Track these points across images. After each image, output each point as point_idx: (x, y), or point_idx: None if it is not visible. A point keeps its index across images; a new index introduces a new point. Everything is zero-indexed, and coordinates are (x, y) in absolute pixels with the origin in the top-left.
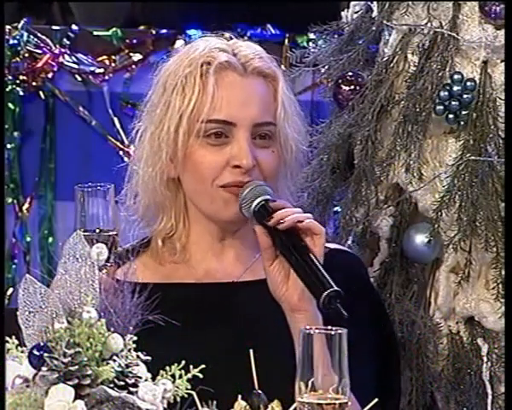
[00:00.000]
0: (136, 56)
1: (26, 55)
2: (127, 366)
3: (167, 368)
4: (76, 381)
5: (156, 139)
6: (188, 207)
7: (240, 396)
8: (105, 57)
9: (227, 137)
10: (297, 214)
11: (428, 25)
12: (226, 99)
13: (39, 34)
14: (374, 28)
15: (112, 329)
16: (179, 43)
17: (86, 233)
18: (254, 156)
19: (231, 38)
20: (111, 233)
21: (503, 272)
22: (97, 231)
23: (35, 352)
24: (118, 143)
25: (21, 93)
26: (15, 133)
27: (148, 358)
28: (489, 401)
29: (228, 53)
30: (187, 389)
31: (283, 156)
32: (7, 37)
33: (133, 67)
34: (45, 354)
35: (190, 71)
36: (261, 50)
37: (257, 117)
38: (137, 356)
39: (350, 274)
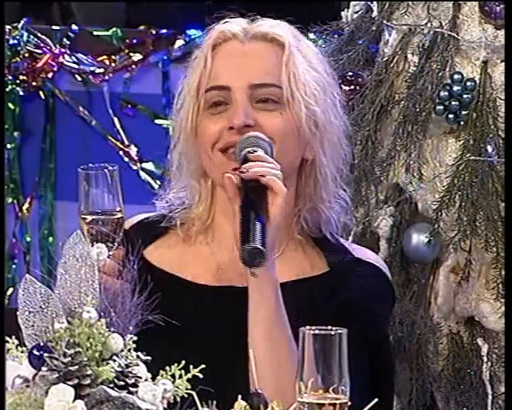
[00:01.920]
0: (136, 56)
1: (26, 55)
2: (127, 366)
3: (167, 368)
4: (76, 381)
5: (179, 126)
6: (215, 194)
7: (240, 396)
8: (105, 57)
9: (227, 104)
10: (263, 169)
11: (428, 25)
12: (223, 66)
13: (39, 34)
14: (374, 28)
15: (112, 329)
16: (179, 43)
17: (90, 216)
18: (253, 118)
19: (257, 19)
20: (116, 215)
21: (503, 272)
22: (102, 212)
23: (35, 352)
24: (118, 143)
25: (21, 93)
26: (15, 133)
27: (148, 358)
28: (489, 401)
29: (235, 24)
30: (187, 389)
31: (296, 122)
32: (7, 37)
33: (133, 67)
34: (45, 354)
35: (205, 44)
36: (280, 22)
37: (253, 79)
38: (137, 356)
39: (366, 291)
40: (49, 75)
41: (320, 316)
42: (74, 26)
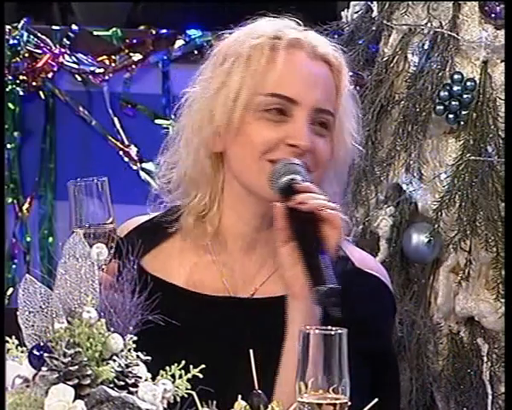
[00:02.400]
0: (136, 56)
1: (26, 55)
2: (127, 366)
3: (167, 368)
4: (76, 381)
5: (210, 109)
6: (224, 189)
7: (240, 396)
8: (105, 57)
9: (285, 115)
10: (320, 201)
11: (428, 25)
12: (294, 76)
13: (39, 34)
14: (374, 28)
15: (112, 329)
16: (179, 43)
17: (82, 230)
18: (312, 141)
19: (297, 23)
20: (108, 227)
21: (503, 272)
22: (93, 225)
23: (35, 352)
24: (118, 143)
25: (21, 93)
26: (15, 133)
27: (148, 358)
28: (489, 401)
29: (298, 31)
30: (187, 389)
31: (336, 150)
32: (7, 37)
33: (133, 67)
34: (45, 354)
35: (259, 42)
36: (329, 40)
37: (320, 101)
38: (137, 356)
39: (368, 305)
40: (49, 75)
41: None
42: (74, 26)
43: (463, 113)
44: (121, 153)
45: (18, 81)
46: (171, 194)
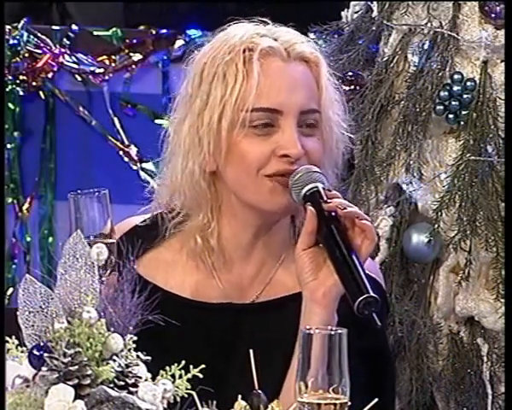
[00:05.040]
0: (136, 56)
1: (26, 55)
2: (127, 366)
3: (167, 368)
4: (76, 381)
5: (196, 132)
6: (223, 204)
7: (240, 396)
8: (105, 57)
9: (273, 126)
10: (357, 209)
11: (428, 25)
12: (272, 86)
13: (39, 34)
14: (374, 28)
15: (112, 329)
16: (179, 43)
17: None
18: (302, 145)
19: (267, 24)
20: (108, 241)
21: (503, 272)
22: (94, 238)
23: (35, 352)
24: (118, 143)
25: (21, 93)
26: (15, 133)
27: (148, 358)
28: (489, 401)
29: (269, 38)
30: (187, 389)
31: (328, 144)
32: (7, 37)
33: (133, 67)
34: (45, 354)
35: (231, 58)
36: (301, 35)
37: (303, 104)
38: (137, 356)
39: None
40: (49, 75)
41: None
42: (74, 26)
43: (463, 113)
44: (121, 153)
45: (18, 81)
46: (174, 219)
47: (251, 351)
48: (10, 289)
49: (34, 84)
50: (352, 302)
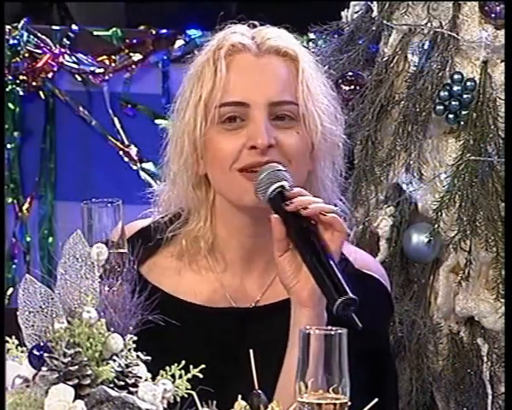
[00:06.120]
0: (136, 56)
1: (26, 55)
2: (127, 366)
3: (167, 368)
4: (76, 381)
5: (180, 134)
6: (215, 205)
7: (240, 396)
8: (105, 57)
9: (243, 120)
10: (319, 204)
11: (428, 25)
12: (238, 81)
13: (39, 34)
14: (374, 28)
15: (112, 329)
16: (179, 43)
17: None
18: (273, 136)
19: (255, 26)
20: (120, 251)
21: (503, 272)
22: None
23: (35, 352)
24: (118, 143)
25: (21, 93)
26: (15, 133)
27: (148, 358)
28: (489, 401)
29: (244, 35)
30: (187, 389)
31: (310, 138)
32: (7, 37)
33: (133, 67)
34: (45, 354)
35: (206, 58)
36: (284, 32)
37: (272, 96)
38: (137, 356)
39: (367, 308)
40: (49, 75)
41: None
42: (74, 26)
43: (463, 113)
44: (121, 153)
45: (18, 81)
46: (173, 224)
47: (251, 351)
48: (10, 289)
49: (34, 84)
50: (330, 306)
